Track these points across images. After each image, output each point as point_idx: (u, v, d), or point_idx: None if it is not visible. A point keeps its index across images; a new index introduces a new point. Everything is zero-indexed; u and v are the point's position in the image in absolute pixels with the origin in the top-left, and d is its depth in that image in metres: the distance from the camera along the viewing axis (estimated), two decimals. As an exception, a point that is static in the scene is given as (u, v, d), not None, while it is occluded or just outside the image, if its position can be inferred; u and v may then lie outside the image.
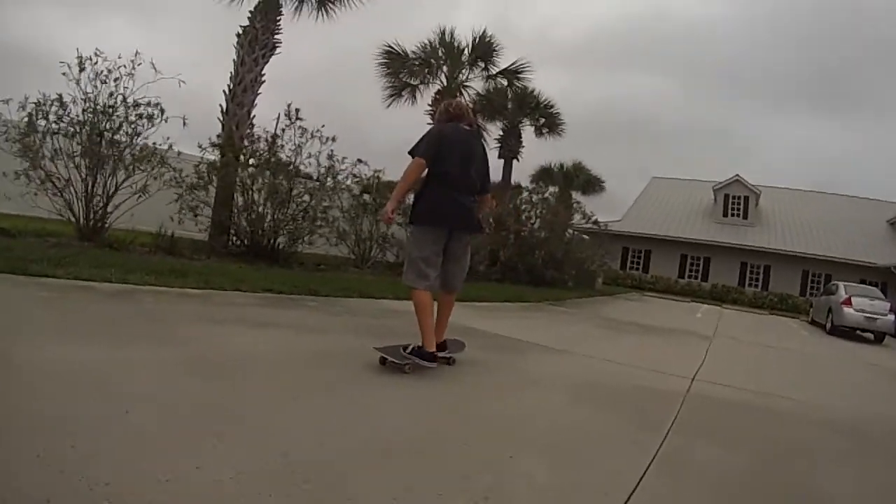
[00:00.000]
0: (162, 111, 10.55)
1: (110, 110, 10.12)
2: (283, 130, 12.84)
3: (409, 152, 4.51)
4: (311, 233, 13.03)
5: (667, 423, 3.98)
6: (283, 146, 12.79)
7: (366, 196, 15.02)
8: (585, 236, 25.07)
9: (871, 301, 17.14)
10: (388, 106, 20.14)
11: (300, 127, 12.81)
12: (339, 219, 14.10)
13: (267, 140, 12.87)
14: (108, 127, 10.13)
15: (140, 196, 10.18)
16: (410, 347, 4.46)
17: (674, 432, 3.78)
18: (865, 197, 37.56)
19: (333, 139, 13.28)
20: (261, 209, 12.31)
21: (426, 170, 4.50)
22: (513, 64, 21.04)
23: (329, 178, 13.37)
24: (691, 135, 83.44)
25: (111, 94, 10.10)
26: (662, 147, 78.84)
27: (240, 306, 6.43)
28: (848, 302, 17.08)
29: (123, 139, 10.27)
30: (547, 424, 3.69)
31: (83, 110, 9.95)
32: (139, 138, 10.43)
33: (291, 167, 12.79)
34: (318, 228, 13.21)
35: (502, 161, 23.18)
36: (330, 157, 13.38)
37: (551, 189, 23.79)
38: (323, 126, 13.08)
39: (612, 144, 77.35)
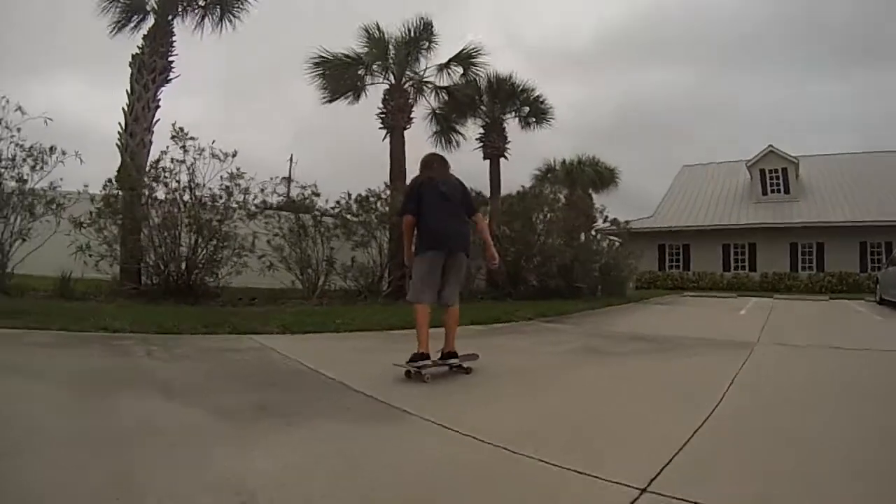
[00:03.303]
0: (52, 151, 10.56)
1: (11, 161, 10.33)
2: (163, 154, 11.35)
3: (399, 213, 5.78)
4: (216, 262, 11.42)
5: None
6: (172, 171, 11.21)
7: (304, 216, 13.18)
8: (615, 238, 22.24)
9: (955, 261, 13.14)
10: (329, 102, 17.75)
11: (183, 147, 11.16)
12: (283, 246, 12.58)
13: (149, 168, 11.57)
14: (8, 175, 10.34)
15: (22, 241, 10.29)
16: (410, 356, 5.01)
17: None
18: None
19: (234, 154, 11.44)
20: (156, 242, 11.06)
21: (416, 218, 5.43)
22: (463, 50, 18.13)
23: (225, 198, 11.51)
24: (717, 120, 79.08)
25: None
26: (692, 139, 74.46)
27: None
28: (926, 268, 13.09)
29: (14, 186, 10.34)
30: None
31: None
32: (33, 182, 10.52)
33: (187, 193, 11.35)
34: (230, 258, 11.48)
35: (488, 162, 20.27)
36: (232, 176, 11.37)
37: (551, 188, 20.60)
38: (213, 142, 11.38)
39: (640, 147, 73.87)
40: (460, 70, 18.40)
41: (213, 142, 11.24)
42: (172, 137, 11.06)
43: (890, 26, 71.98)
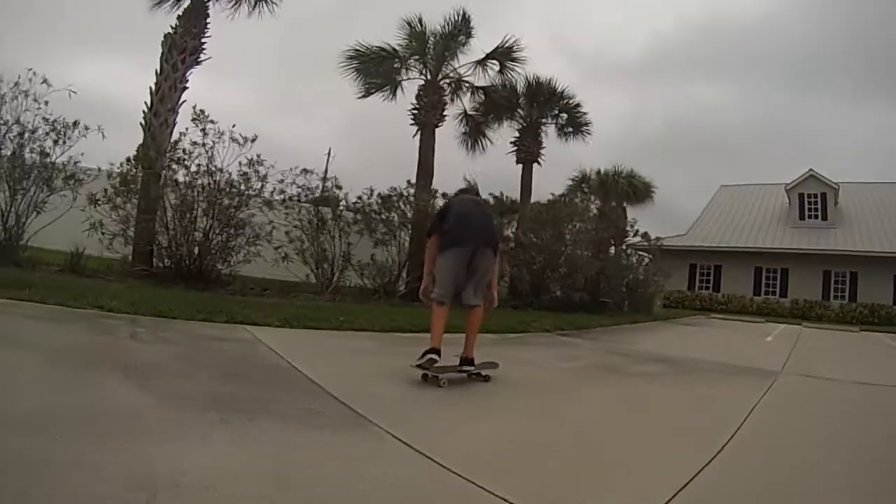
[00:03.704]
0: (75, 125, 10.51)
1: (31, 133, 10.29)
2: (182, 135, 11.22)
3: (427, 233, 5.59)
4: (230, 249, 11.22)
5: None
6: (189, 153, 11.00)
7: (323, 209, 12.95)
8: (645, 254, 21.73)
9: None
10: (363, 97, 17.60)
11: (203, 130, 10.95)
12: (302, 238, 12.43)
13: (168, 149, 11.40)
14: (30, 147, 10.30)
15: (37, 214, 10.22)
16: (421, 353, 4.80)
17: None
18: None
19: (253, 140, 11.18)
20: (170, 225, 10.92)
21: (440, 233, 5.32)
22: (501, 44, 17.54)
23: (242, 185, 11.24)
24: (759, 142, 77.73)
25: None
26: (732, 158, 73.40)
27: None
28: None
29: (34, 158, 10.27)
30: None
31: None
32: (55, 156, 10.45)
33: (205, 176, 11.11)
34: (244, 246, 11.28)
35: (520, 167, 20.02)
36: (251, 162, 11.15)
37: (582, 198, 20.22)
38: (234, 126, 11.16)
39: (678, 163, 72.63)
40: (497, 66, 17.98)
41: (234, 126, 11.09)
42: (193, 120, 10.92)
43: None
